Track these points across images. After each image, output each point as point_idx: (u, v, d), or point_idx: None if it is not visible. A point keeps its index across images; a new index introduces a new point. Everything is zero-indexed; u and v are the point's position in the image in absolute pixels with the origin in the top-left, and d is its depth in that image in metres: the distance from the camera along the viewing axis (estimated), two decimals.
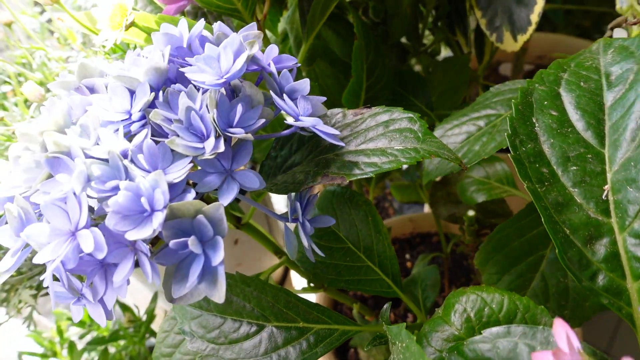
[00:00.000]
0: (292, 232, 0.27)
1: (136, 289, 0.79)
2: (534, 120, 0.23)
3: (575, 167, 0.22)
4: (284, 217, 0.27)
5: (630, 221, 0.21)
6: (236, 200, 0.39)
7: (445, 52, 0.63)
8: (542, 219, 0.22)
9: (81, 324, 0.60)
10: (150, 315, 0.62)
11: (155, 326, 0.64)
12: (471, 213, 0.45)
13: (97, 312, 0.25)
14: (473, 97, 0.77)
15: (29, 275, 0.41)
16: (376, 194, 0.81)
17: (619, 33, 0.30)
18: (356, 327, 0.30)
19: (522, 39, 0.45)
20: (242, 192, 0.43)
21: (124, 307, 0.61)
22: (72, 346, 0.54)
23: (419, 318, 0.38)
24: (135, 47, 0.36)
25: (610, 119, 0.23)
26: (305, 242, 0.25)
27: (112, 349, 0.59)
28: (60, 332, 0.56)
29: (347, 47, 0.47)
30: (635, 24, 0.31)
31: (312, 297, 0.62)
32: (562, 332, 0.15)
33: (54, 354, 0.58)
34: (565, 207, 0.22)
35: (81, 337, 0.59)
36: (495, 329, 0.20)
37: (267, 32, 0.49)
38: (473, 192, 0.44)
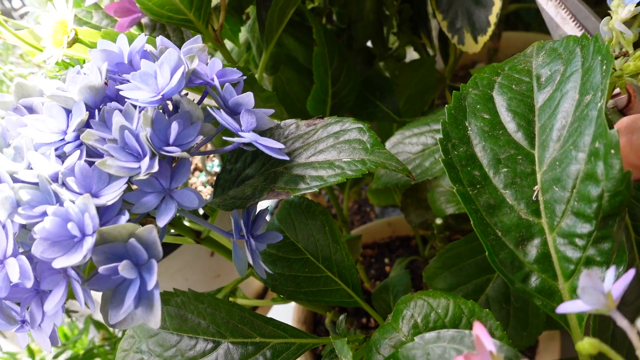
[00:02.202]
0: (240, 248, 0.27)
1: None
2: (467, 124, 0.23)
3: (506, 169, 0.22)
4: (230, 234, 0.26)
5: (558, 221, 0.20)
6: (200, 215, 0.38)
7: (415, 55, 0.63)
8: (472, 222, 0.21)
9: None
10: (125, 332, 0.61)
11: None
12: (439, 221, 0.45)
13: (41, 337, 0.24)
14: (441, 99, 0.77)
15: None
16: (354, 198, 0.81)
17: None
18: (313, 339, 0.30)
19: (482, 40, 0.45)
20: (205, 216, 0.42)
21: (98, 325, 0.60)
22: None
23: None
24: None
25: (539, 120, 0.23)
26: (250, 260, 0.25)
27: None
28: (31, 352, 0.55)
29: (309, 54, 0.47)
30: (618, 57, 0.29)
31: (289, 308, 0.61)
32: (477, 336, 0.15)
33: None
34: (497, 209, 0.21)
35: (55, 356, 0.58)
36: (427, 335, 0.20)
37: (228, 42, 0.49)
38: (443, 203, 0.43)
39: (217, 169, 0.65)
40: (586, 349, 0.15)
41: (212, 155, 0.66)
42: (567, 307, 0.16)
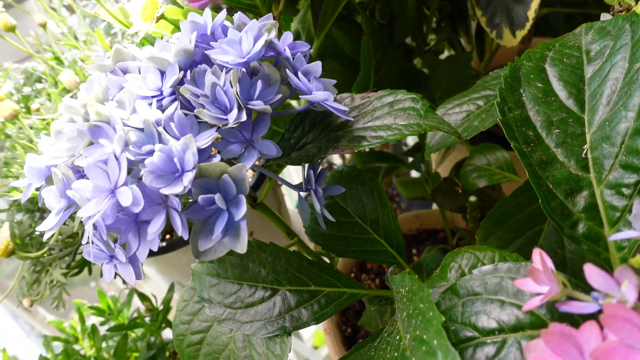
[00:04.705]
0: (306, 201, 0.30)
1: (154, 282, 0.81)
2: (522, 91, 0.26)
3: (558, 130, 0.25)
4: (298, 187, 0.30)
5: (606, 174, 0.23)
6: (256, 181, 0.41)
7: (451, 52, 0.66)
8: (527, 174, 0.24)
9: (101, 312, 0.63)
10: (167, 305, 0.64)
11: (171, 317, 0.66)
12: (473, 198, 0.47)
13: (127, 271, 0.27)
14: None
15: (60, 255, 0.44)
16: (384, 189, 0.83)
17: (605, 17, 0.33)
18: (363, 290, 0.32)
19: (520, 34, 0.47)
20: (254, 189, 0.45)
21: (142, 296, 0.63)
22: (94, 329, 0.56)
23: None
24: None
25: (589, 88, 0.25)
26: (317, 208, 0.28)
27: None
28: (82, 318, 0.59)
29: (355, 46, 0.50)
30: (621, 11, 0.33)
31: None
32: (537, 257, 0.18)
33: (76, 340, 0.61)
34: (549, 165, 0.24)
35: (101, 324, 0.62)
36: (484, 268, 0.22)
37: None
38: (475, 178, 0.46)
39: None
40: (638, 261, 0.18)
41: None
42: (620, 235, 0.19)
